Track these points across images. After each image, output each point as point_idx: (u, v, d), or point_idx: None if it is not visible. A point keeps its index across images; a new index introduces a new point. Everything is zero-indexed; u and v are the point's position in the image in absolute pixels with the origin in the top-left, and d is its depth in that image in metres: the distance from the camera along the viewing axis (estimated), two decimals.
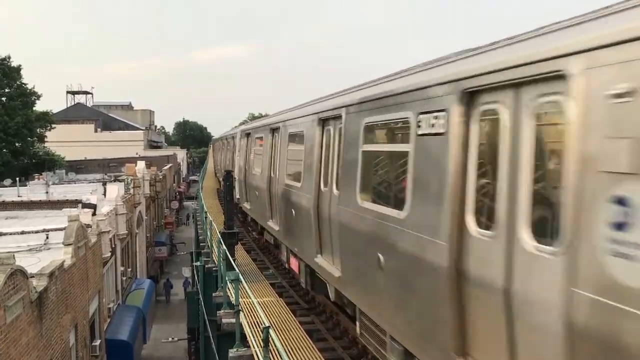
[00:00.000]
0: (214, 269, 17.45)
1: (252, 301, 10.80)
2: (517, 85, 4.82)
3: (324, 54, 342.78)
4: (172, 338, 32.17)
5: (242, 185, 21.42)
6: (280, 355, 8.08)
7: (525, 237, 4.65)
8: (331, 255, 9.88)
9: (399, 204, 6.81)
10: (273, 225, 14.65)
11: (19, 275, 12.37)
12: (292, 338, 11.21)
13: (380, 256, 7.25)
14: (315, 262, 10.66)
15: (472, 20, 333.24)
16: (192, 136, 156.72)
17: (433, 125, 6.05)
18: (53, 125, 56.80)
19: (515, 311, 4.74)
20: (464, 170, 5.56)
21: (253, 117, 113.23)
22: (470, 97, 5.49)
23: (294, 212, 11.56)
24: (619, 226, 3.66)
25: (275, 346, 8.23)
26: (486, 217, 5.25)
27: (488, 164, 5.33)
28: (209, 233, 20.09)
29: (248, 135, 21.18)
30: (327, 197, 10.12)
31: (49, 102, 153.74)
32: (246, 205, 20.59)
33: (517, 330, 4.75)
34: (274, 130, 15.49)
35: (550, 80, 4.40)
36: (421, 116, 6.32)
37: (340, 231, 9.10)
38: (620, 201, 3.68)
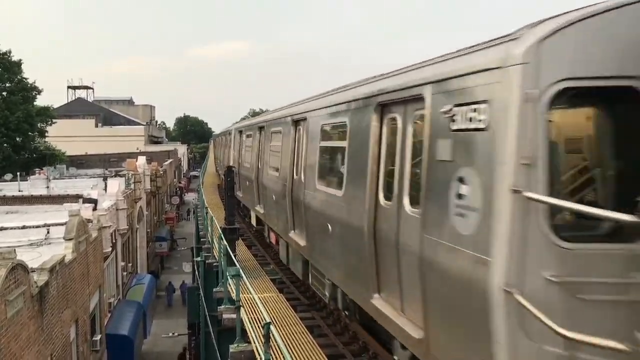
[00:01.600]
0: (214, 264, 17.44)
1: (253, 297, 10.79)
2: (405, 101, 7.00)
3: (326, 50, 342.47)
4: (173, 333, 32.20)
5: (236, 176, 22.81)
6: (281, 351, 8.08)
7: (406, 204, 6.79)
8: (300, 229, 12.18)
9: (339, 186, 9.26)
10: (259, 209, 17.05)
11: (19, 269, 12.37)
12: (293, 334, 11.21)
13: (329, 225, 9.72)
14: (289, 236, 13.07)
15: (471, 19, 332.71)
16: (192, 131, 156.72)
17: (360, 128, 8.29)
18: (54, 120, 56.75)
19: (400, 254, 6.84)
20: (378, 160, 7.74)
21: (254, 113, 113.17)
22: (382, 109, 7.75)
23: (274, 197, 13.66)
24: (459, 196, 5.49)
25: (276, 342, 8.23)
26: (388, 193, 7.43)
27: (390, 156, 7.46)
28: (209, 229, 20.09)
29: (240, 132, 24.10)
30: (297, 184, 12.38)
31: (50, 97, 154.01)
32: (239, 194, 22.37)
33: (402, 267, 6.81)
34: (261, 129, 17.82)
35: (418, 101, 6.57)
36: (353, 121, 8.79)
37: (305, 210, 11.45)
38: (461, 180, 5.49)
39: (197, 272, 22.42)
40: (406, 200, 6.78)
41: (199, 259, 20.16)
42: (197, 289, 21.04)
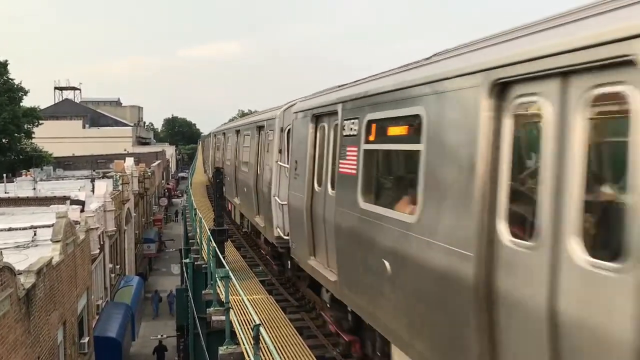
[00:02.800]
0: (203, 266, 17.38)
1: (242, 299, 10.78)
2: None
3: (314, 52, 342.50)
4: (161, 335, 32.04)
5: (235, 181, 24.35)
6: (270, 353, 8.08)
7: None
8: (263, 216, 15.74)
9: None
10: (237, 200, 20.41)
11: (6, 272, 12.27)
12: (282, 335, 11.20)
13: (244, 188, 14.75)
14: (255, 220, 17.05)
15: (468, 18, 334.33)
16: (181, 133, 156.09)
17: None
18: (41, 122, 56.27)
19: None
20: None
21: (242, 114, 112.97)
22: (260, 128, 14.92)
23: (245, 189, 16.84)
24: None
25: (266, 343, 8.22)
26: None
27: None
28: (198, 230, 20.02)
29: (224, 134, 27.83)
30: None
31: (37, 98, 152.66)
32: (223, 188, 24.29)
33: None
34: (237, 132, 21.85)
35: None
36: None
37: (238, 182, 18.08)
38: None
39: (185, 274, 22.33)
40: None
41: (187, 260, 20.08)
42: (185, 290, 20.96)
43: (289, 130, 13.21)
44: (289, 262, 14.03)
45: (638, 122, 3.46)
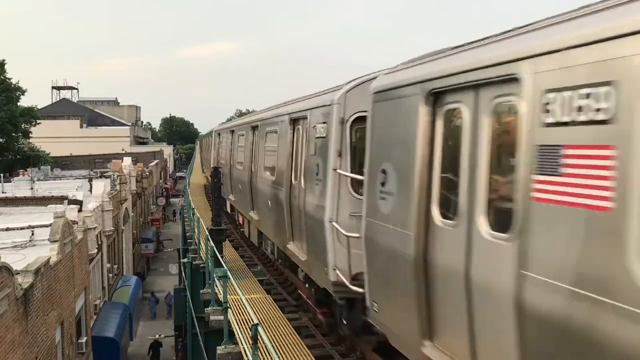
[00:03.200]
0: (201, 265, 17.37)
1: (241, 298, 10.77)
2: (304, 118, 11.25)
3: (312, 52, 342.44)
4: (159, 335, 32.02)
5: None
6: (269, 353, 8.07)
7: (302, 181, 11.01)
8: (257, 209, 16.43)
9: (274, 173, 13.82)
10: (254, 215, 18.03)
11: (4, 271, 12.24)
12: (281, 335, 11.20)
13: (269, 202, 14.17)
14: (250, 215, 17.51)
15: (467, 17, 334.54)
16: (178, 132, 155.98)
17: (283, 134, 12.52)
18: (38, 121, 56.18)
19: (301, 213, 11.10)
20: (297, 153, 11.87)
21: (240, 114, 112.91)
22: (295, 121, 12.40)
23: (269, 203, 14.97)
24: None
25: (264, 343, 8.22)
26: (296, 175, 11.70)
27: (295, 153, 11.99)
28: (196, 230, 20.01)
29: (231, 132, 27.14)
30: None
31: (34, 97, 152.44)
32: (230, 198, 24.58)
33: (302, 220, 11.05)
34: (253, 128, 19.89)
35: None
36: (277, 129, 13.71)
37: (258, 193, 16.02)
38: (317, 165, 10.13)
39: (183, 274, 22.32)
40: (303, 179, 10.66)
41: (185, 260, 20.08)
42: (183, 290, 20.95)
43: (355, 121, 9.54)
44: (343, 314, 9.96)
45: (524, 125, 4.55)
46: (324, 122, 10.11)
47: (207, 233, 16.10)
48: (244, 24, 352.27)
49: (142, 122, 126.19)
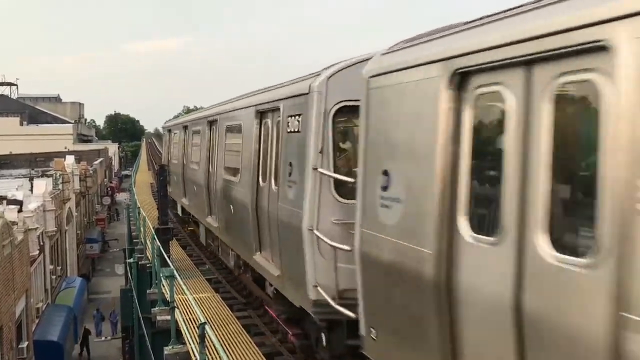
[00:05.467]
0: (148, 265, 17.08)
1: (188, 297, 10.65)
2: (274, 110, 9.77)
3: (260, 50, 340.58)
4: (105, 337, 31.33)
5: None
6: (217, 351, 8.01)
7: (273, 183, 9.56)
8: (215, 215, 14.70)
9: (237, 174, 12.06)
10: (185, 201, 18.60)
11: None
12: (229, 333, 11.12)
13: (231, 206, 12.54)
14: (207, 220, 15.66)
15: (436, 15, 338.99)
16: (124, 130, 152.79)
17: (247, 129, 11.17)
18: None
19: (269, 218, 9.64)
20: (265, 151, 10.25)
21: (188, 110, 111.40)
22: (261, 115, 10.72)
23: (195, 188, 15.36)
24: (290, 174, 7.76)
25: (212, 342, 8.15)
26: (265, 176, 10.07)
27: (264, 152, 10.27)
28: (142, 229, 19.65)
29: (169, 130, 26.77)
30: (209, 175, 15.07)
31: None
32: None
33: (270, 229, 9.62)
34: (185, 128, 20.00)
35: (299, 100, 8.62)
36: (240, 124, 12.02)
37: (217, 196, 14.19)
38: (290, 164, 8.61)
39: (129, 274, 21.89)
40: (273, 181, 9.49)
41: (131, 260, 19.70)
42: (130, 291, 20.54)
43: (338, 112, 8.02)
44: (324, 338, 8.33)
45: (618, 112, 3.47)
46: (299, 114, 8.52)
47: (153, 232, 15.83)
48: (193, 18, 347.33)
49: (85, 120, 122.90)
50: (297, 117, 8.50)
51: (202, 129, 16.60)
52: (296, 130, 8.48)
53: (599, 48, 3.44)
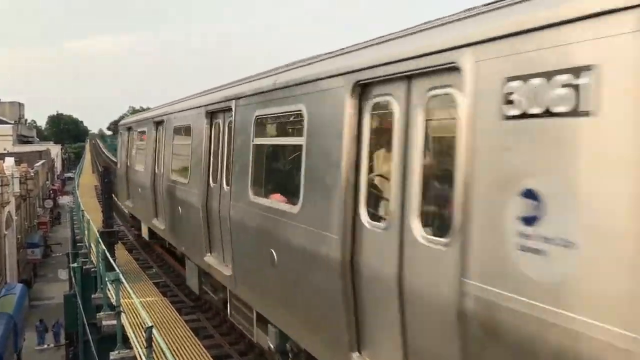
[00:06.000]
0: (92, 269, 16.68)
1: (135, 301, 10.45)
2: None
3: (209, 50, 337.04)
4: (48, 345, 30.38)
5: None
6: (165, 355, 7.89)
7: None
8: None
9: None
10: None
11: None
12: (178, 337, 10.97)
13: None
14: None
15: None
16: (67, 131, 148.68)
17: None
18: None
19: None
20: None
21: (134, 111, 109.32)
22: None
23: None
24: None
25: (160, 346, 8.02)
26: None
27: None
28: (86, 232, 19.17)
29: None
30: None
31: None
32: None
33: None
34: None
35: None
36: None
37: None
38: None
39: (74, 279, 21.29)
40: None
41: (75, 265, 19.17)
42: (74, 296, 19.99)
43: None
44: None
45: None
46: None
47: (98, 235, 15.46)
48: (139, 16, 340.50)
49: (26, 120, 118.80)
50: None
51: (148, 129, 16.27)
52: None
53: (453, 68, 4.32)
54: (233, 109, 9.15)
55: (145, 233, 17.79)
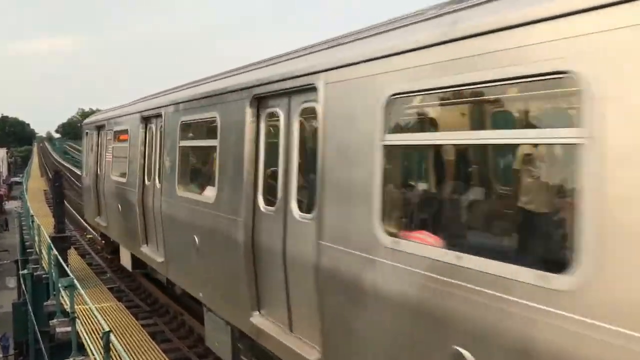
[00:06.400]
0: (44, 276, 16.24)
1: (90, 307, 10.25)
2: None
3: (159, 50, 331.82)
4: None
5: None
6: None
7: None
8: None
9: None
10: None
11: None
12: (135, 342, 10.83)
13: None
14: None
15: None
16: (13, 133, 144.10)
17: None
18: None
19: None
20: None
21: (83, 113, 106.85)
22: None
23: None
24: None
25: (117, 352, 7.91)
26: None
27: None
28: (37, 238, 18.66)
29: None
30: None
31: None
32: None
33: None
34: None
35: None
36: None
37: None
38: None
39: (23, 287, 20.66)
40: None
41: (25, 272, 18.61)
42: (24, 304, 19.41)
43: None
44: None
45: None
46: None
47: (50, 241, 15.08)
48: (85, 16, 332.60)
49: None
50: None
51: (90, 133, 17.81)
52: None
53: (314, 88, 5.71)
54: (163, 115, 10.45)
55: (127, 262, 14.33)
